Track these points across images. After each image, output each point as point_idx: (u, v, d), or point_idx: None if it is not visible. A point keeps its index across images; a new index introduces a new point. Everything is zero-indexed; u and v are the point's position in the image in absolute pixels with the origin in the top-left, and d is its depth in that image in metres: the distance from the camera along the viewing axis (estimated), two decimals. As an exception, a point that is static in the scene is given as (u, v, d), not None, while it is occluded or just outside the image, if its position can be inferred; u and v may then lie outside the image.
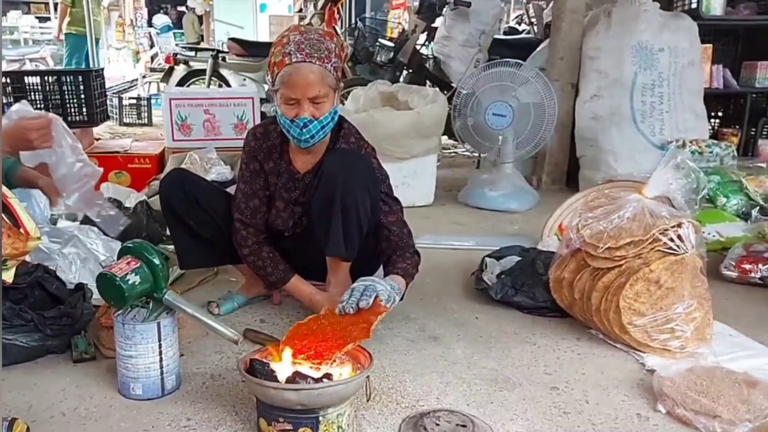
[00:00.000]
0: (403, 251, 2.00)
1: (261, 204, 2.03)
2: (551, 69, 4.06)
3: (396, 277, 1.91)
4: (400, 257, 1.98)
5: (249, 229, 2.02)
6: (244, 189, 2.03)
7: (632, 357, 1.88)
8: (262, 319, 2.13)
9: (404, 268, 1.94)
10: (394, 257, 1.98)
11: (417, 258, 2.02)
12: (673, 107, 3.83)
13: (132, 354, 1.57)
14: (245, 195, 2.03)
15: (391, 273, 1.93)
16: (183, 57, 5.75)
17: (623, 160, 3.75)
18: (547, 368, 1.83)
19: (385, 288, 1.75)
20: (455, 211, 3.64)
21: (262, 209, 2.04)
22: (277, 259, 2.04)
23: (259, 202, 2.03)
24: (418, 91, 3.74)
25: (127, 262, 1.54)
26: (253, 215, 2.02)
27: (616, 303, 1.86)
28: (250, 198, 2.02)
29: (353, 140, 2.03)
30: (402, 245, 2.00)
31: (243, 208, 2.02)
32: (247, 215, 2.02)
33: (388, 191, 2.04)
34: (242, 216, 2.02)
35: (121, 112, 6.80)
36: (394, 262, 1.97)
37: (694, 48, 3.89)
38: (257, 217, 2.03)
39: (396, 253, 1.99)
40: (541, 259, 2.29)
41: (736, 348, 1.93)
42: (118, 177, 3.61)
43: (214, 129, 3.66)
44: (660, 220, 1.85)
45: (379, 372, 1.77)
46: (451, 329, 2.08)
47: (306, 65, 1.82)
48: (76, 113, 3.79)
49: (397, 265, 1.95)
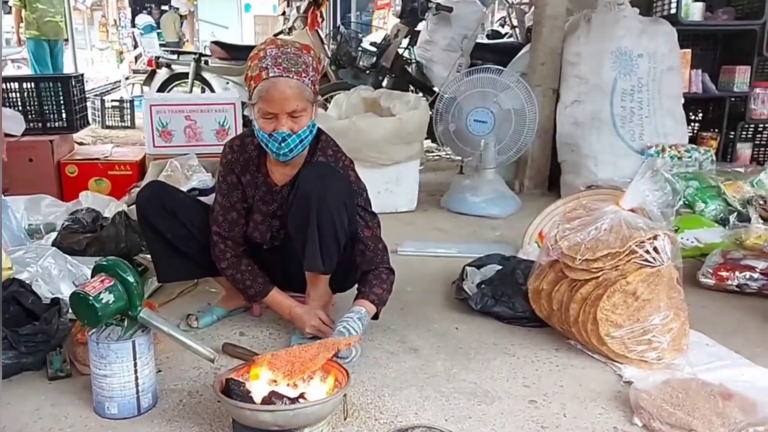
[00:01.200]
0: (379, 270, 2.01)
1: (239, 217, 2.02)
2: (532, 74, 4.08)
3: (368, 305, 1.95)
4: (376, 279, 1.99)
5: (227, 243, 2.01)
6: (221, 202, 2.02)
7: (610, 368, 1.89)
8: (242, 332, 2.12)
9: (379, 295, 1.97)
10: (369, 277, 2.00)
11: (392, 277, 2.04)
12: (652, 112, 3.86)
13: (106, 373, 1.56)
14: (223, 208, 2.01)
15: (365, 299, 1.96)
16: (165, 60, 5.70)
17: (603, 165, 3.77)
18: (525, 380, 1.83)
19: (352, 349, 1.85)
20: (438, 217, 3.65)
21: (240, 222, 2.03)
22: (255, 272, 2.03)
23: (237, 215, 2.02)
24: (400, 96, 3.74)
25: (101, 281, 1.53)
26: (230, 228, 2.01)
27: (593, 314, 1.87)
28: (227, 211, 2.01)
29: (331, 153, 2.03)
30: (377, 261, 2.01)
31: (221, 221, 2.01)
32: (224, 228, 2.01)
33: (365, 205, 2.04)
34: (220, 229, 2.01)
35: (103, 115, 6.74)
36: (370, 284, 1.98)
37: (673, 53, 3.92)
38: (235, 230, 2.02)
39: (372, 272, 2.00)
40: (520, 269, 2.30)
41: (713, 358, 1.95)
42: (99, 184, 3.57)
43: (196, 135, 3.63)
44: (636, 232, 1.87)
45: (358, 386, 1.77)
46: (431, 340, 2.08)
47: (283, 80, 1.81)
48: (55, 120, 3.74)
49: (374, 290, 1.97)
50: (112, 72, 11.12)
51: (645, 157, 3.80)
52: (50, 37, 6.67)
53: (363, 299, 1.96)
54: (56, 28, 6.75)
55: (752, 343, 2.07)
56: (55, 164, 3.54)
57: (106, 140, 5.85)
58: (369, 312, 1.94)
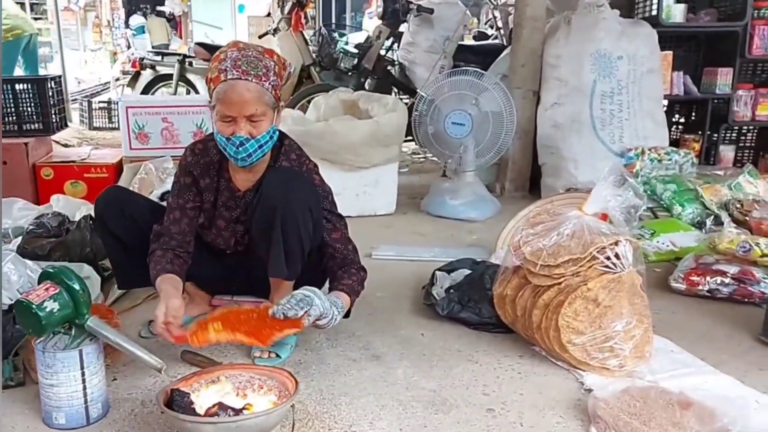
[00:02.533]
0: (349, 267, 1.98)
1: (182, 216, 1.98)
2: (513, 76, 4.06)
3: (341, 294, 1.88)
4: (346, 273, 1.96)
5: (160, 239, 1.96)
6: (170, 202, 2.00)
7: (572, 375, 1.87)
8: (204, 338, 2.09)
9: (349, 285, 1.92)
10: (339, 272, 1.96)
11: (363, 274, 2.00)
12: (632, 115, 3.84)
13: (53, 383, 1.54)
14: (169, 207, 1.99)
15: (336, 289, 1.91)
16: (150, 62, 5.67)
17: (583, 167, 3.75)
18: (486, 388, 1.81)
19: (320, 305, 1.72)
20: (417, 220, 3.63)
21: (182, 221, 1.98)
22: (161, 260, 1.92)
23: (180, 213, 1.97)
24: (379, 99, 3.72)
25: (46, 288, 1.51)
26: (168, 225, 1.97)
27: (555, 321, 1.85)
28: (172, 210, 1.98)
29: (294, 157, 2.01)
30: (348, 261, 1.98)
31: (164, 220, 1.99)
32: (163, 225, 1.97)
33: (331, 208, 2.02)
34: (158, 226, 1.98)
35: (90, 116, 6.70)
36: (340, 278, 1.95)
37: (653, 55, 3.90)
38: (173, 228, 1.96)
39: (342, 269, 1.97)
40: (489, 274, 2.28)
41: (677, 365, 1.92)
42: (74, 187, 3.54)
43: (173, 137, 3.61)
44: (598, 238, 1.85)
45: (315, 395, 1.75)
46: (395, 347, 2.06)
47: (242, 83, 1.79)
48: (31, 122, 3.72)
49: (343, 281, 1.92)
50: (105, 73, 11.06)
51: (625, 159, 3.79)
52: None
53: (335, 291, 1.90)
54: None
55: (719, 350, 2.05)
56: (30, 167, 3.51)
57: (92, 142, 5.81)
58: (342, 299, 1.85)
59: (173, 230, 1.96)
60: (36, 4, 12.59)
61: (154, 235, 1.97)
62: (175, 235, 1.96)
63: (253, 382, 1.56)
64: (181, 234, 1.97)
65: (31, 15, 11.80)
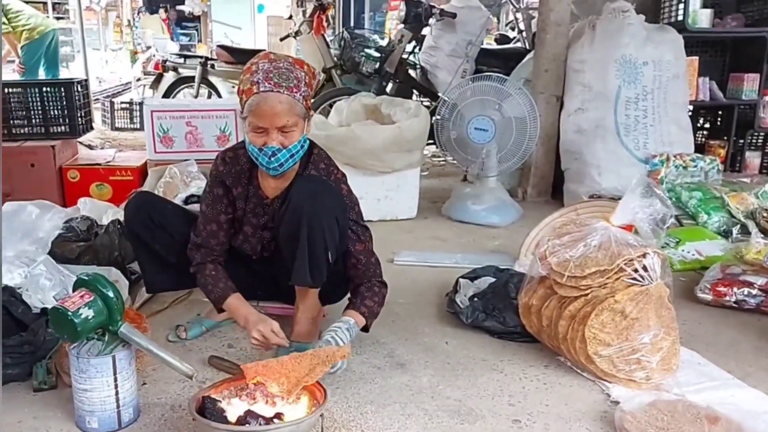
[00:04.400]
0: (371, 283, 2.00)
1: (218, 229, 2.02)
2: (536, 81, 4.05)
3: (357, 316, 1.94)
4: (368, 291, 1.99)
5: (200, 250, 2.01)
6: (205, 211, 2.03)
7: (598, 387, 1.87)
8: (230, 344, 2.12)
9: (370, 307, 1.96)
10: (361, 289, 1.99)
11: (384, 290, 2.03)
12: (657, 121, 3.82)
13: (86, 387, 1.56)
14: (205, 217, 2.02)
15: (357, 310, 1.95)
16: (172, 64, 5.73)
17: (607, 173, 3.73)
18: (511, 399, 1.81)
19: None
20: (438, 225, 3.63)
21: (220, 234, 2.02)
22: (218, 278, 1.99)
23: (217, 226, 2.02)
24: (401, 104, 3.72)
25: (81, 296, 1.53)
26: (207, 238, 2.01)
27: (582, 332, 1.85)
28: (208, 221, 2.01)
29: (323, 166, 2.02)
30: (369, 275, 2.00)
31: (201, 230, 2.02)
32: (202, 237, 2.01)
33: (357, 218, 2.03)
34: (197, 237, 2.02)
35: (113, 117, 6.78)
36: (362, 297, 1.98)
37: (678, 61, 3.87)
38: (211, 240, 2.01)
39: (364, 284, 1.99)
40: (513, 282, 2.28)
41: (703, 378, 1.91)
42: (100, 189, 3.59)
43: (197, 141, 3.64)
44: (626, 250, 1.84)
45: (341, 403, 1.76)
46: (419, 355, 2.07)
47: (274, 95, 1.81)
48: (58, 124, 3.77)
49: (365, 303, 1.96)
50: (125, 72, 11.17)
51: (649, 166, 3.76)
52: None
53: (353, 310, 1.95)
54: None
55: (745, 362, 2.03)
56: (57, 169, 3.57)
57: (114, 143, 5.88)
58: (358, 323, 1.93)
59: (213, 243, 2.01)
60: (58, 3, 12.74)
61: (194, 246, 2.01)
62: (215, 247, 2.02)
63: (282, 391, 1.57)
64: (219, 245, 2.03)
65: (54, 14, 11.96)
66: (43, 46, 6.53)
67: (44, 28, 6.46)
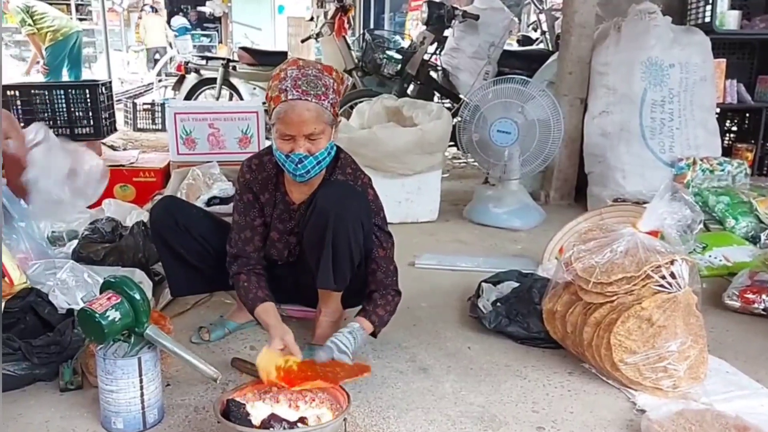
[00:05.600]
0: (386, 290, 2.00)
1: (253, 235, 2.03)
2: (560, 83, 4.02)
3: (366, 324, 1.94)
4: (382, 299, 1.99)
5: (237, 260, 2.02)
6: (237, 220, 2.03)
7: (624, 394, 1.84)
8: (253, 346, 2.12)
9: (380, 316, 1.96)
10: (375, 296, 1.99)
11: (398, 299, 2.03)
12: (683, 124, 3.76)
13: (113, 389, 1.58)
14: (238, 226, 2.03)
15: (365, 318, 1.95)
16: (194, 65, 5.77)
17: (631, 177, 3.69)
18: (535, 405, 1.80)
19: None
20: (459, 228, 3.61)
21: (255, 240, 2.03)
22: (252, 287, 1.97)
23: (251, 233, 2.02)
24: (423, 106, 3.71)
25: (108, 298, 1.55)
26: (243, 246, 2.02)
27: (607, 339, 1.82)
28: (242, 229, 2.02)
29: (350, 170, 2.02)
30: (387, 283, 2.00)
31: (236, 239, 2.02)
32: (238, 246, 2.02)
33: (382, 224, 2.03)
34: (233, 248, 2.02)
35: (135, 118, 6.85)
36: (375, 304, 1.98)
37: (706, 63, 3.81)
38: (246, 248, 2.02)
39: (379, 291, 1.99)
40: (537, 287, 2.25)
41: (732, 387, 1.88)
42: (123, 190, 3.63)
43: (219, 143, 3.66)
44: (653, 256, 1.81)
45: (364, 407, 1.76)
46: (442, 360, 2.06)
47: (302, 103, 1.81)
48: (83, 126, 3.82)
49: (377, 311, 1.96)
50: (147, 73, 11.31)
51: (675, 169, 3.71)
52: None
53: (363, 317, 1.95)
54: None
55: (776, 371, 1.99)
56: (82, 170, 3.60)
57: (137, 143, 5.94)
58: (365, 329, 1.93)
59: (249, 250, 2.02)
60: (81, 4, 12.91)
61: (231, 257, 2.02)
62: (251, 254, 2.02)
63: (305, 395, 1.58)
64: (256, 252, 2.03)
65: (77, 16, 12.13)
66: (66, 48, 6.64)
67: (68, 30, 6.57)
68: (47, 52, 6.71)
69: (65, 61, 6.79)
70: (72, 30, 6.75)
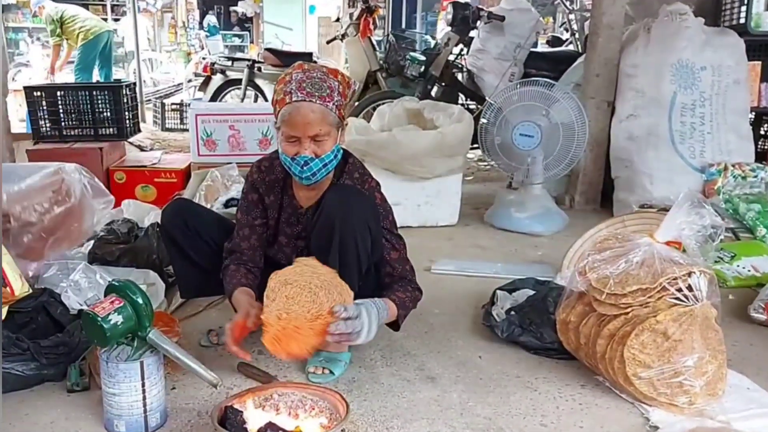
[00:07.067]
0: (405, 284, 1.98)
1: (251, 233, 2.02)
2: (587, 86, 3.94)
3: (388, 301, 1.89)
4: (401, 287, 1.96)
5: (232, 254, 2.01)
6: (239, 218, 2.04)
7: (637, 410, 1.78)
8: (261, 350, 2.09)
9: (401, 298, 1.92)
10: (395, 286, 1.97)
11: (418, 294, 2.00)
12: (715, 128, 3.65)
13: (115, 392, 1.58)
14: (239, 224, 2.03)
15: (387, 297, 1.91)
16: (220, 66, 5.83)
17: (659, 182, 3.59)
18: (544, 419, 1.75)
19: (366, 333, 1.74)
20: (479, 233, 3.56)
21: (252, 238, 2.02)
22: (234, 275, 1.96)
23: (250, 231, 2.02)
24: (444, 108, 3.67)
25: (111, 302, 1.55)
26: (239, 242, 2.01)
27: (621, 353, 1.76)
28: (242, 227, 2.02)
29: (357, 175, 2.00)
30: (405, 277, 1.99)
31: (234, 236, 2.03)
32: (234, 242, 2.02)
33: (391, 227, 2.00)
34: (230, 244, 2.02)
35: (163, 118, 6.94)
36: (394, 289, 1.95)
37: (739, 66, 3.69)
38: (243, 244, 2.01)
39: (397, 283, 1.97)
40: (552, 296, 2.20)
41: (752, 405, 1.80)
42: (145, 191, 3.67)
43: (239, 145, 3.68)
44: (670, 268, 1.74)
45: (368, 416, 1.73)
46: (451, 369, 2.02)
47: (306, 104, 1.80)
48: (106, 126, 3.88)
49: (397, 293, 1.93)
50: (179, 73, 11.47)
51: (706, 175, 3.60)
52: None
53: (384, 298, 1.90)
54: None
55: (800, 390, 1.90)
56: (105, 171, 3.67)
57: (164, 143, 6.02)
58: (388, 307, 1.87)
59: (244, 246, 2.01)
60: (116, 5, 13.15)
61: (227, 252, 2.02)
62: (245, 251, 2.01)
63: (305, 402, 1.56)
64: (251, 249, 2.01)
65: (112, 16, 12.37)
66: (98, 47, 6.80)
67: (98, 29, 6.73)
68: (79, 51, 6.88)
69: (96, 61, 6.94)
70: (102, 30, 6.90)
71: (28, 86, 4.02)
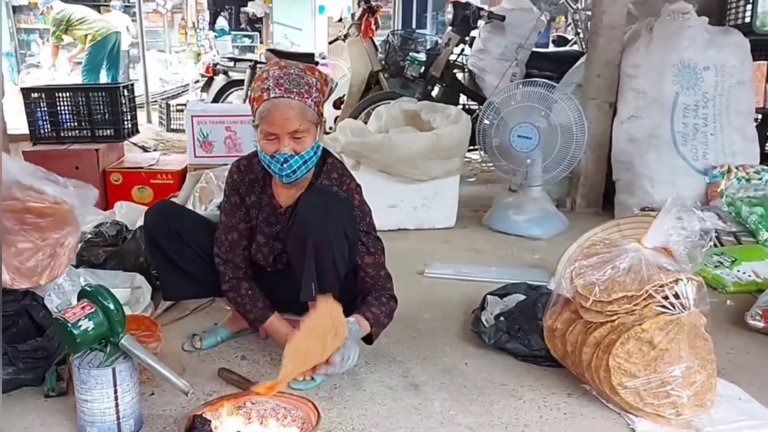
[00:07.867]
0: (380, 294, 1.94)
1: (240, 238, 2.00)
2: (587, 87, 3.88)
3: (362, 320, 1.88)
4: (376, 300, 1.93)
5: (228, 265, 1.99)
6: (224, 221, 2.01)
7: (623, 420, 1.74)
8: (244, 355, 2.09)
9: (376, 315, 1.90)
10: (369, 298, 1.93)
11: (393, 304, 1.96)
12: (718, 129, 3.58)
13: (87, 398, 1.56)
14: (225, 228, 2.00)
15: (362, 315, 1.89)
16: (222, 67, 5.82)
17: (661, 185, 3.53)
18: (526, 429, 1.71)
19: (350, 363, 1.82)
20: (476, 236, 3.51)
21: (242, 243, 2.00)
22: (256, 297, 1.99)
23: (238, 235, 2.00)
24: (442, 110, 3.62)
25: (82, 307, 1.53)
26: (231, 249, 1.99)
27: (606, 361, 1.72)
28: (229, 231, 2.00)
29: (335, 176, 1.97)
30: (378, 289, 1.94)
31: (222, 240, 2.00)
32: (225, 249, 1.99)
33: (368, 229, 1.97)
34: (220, 251, 2.00)
35: (168, 119, 6.95)
36: (369, 304, 1.92)
37: (744, 66, 3.61)
38: (235, 251, 1.99)
39: (372, 295, 1.93)
40: (542, 302, 2.14)
41: (743, 416, 1.75)
42: (141, 192, 3.66)
43: (236, 146, 3.66)
44: (656, 275, 1.70)
45: (346, 424, 1.70)
46: (435, 376, 1.98)
47: (285, 100, 1.78)
48: (104, 128, 3.88)
49: (372, 309, 1.90)
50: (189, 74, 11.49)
51: (708, 178, 3.54)
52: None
53: (357, 314, 1.89)
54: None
55: (794, 401, 1.85)
56: (101, 172, 3.66)
57: (167, 144, 6.02)
58: (360, 326, 1.87)
59: (237, 252, 2.00)
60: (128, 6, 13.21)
61: (220, 260, 2.00)
62: (240, 262, 2.00)
63: (278, 411, 1.54)
64: (243, 256, 2.01)
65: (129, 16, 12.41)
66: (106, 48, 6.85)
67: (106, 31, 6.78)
68: (87, 53, 6.93)
69: (104, 61, 6.98)
70: (110, 31, 6.95)
71: (25, 88, 4.03)
